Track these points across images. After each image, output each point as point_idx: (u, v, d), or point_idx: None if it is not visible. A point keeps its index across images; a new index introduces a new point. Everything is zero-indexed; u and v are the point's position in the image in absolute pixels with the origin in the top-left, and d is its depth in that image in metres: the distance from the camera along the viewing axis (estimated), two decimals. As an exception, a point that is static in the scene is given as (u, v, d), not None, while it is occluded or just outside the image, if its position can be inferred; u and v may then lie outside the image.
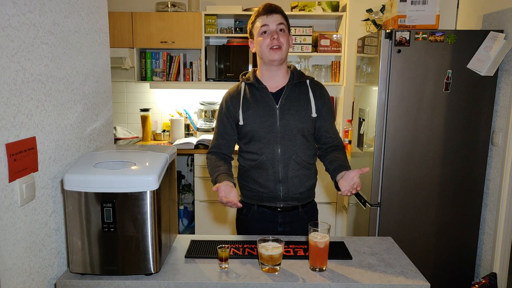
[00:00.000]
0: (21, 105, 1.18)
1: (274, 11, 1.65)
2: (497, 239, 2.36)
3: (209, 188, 3.46)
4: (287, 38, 1.67)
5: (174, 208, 1.61)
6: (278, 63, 1.67)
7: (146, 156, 1.43)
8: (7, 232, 1.14)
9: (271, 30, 1.64)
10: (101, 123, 1.71)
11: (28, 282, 1.24)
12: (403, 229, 2.46)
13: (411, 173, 2.42)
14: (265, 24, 1.65)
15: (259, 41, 1.66)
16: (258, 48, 1.68)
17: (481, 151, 2.41)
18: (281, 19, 1.66)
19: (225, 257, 1.40)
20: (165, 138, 3.84)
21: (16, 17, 1.15)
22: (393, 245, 1.61)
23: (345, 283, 1.32)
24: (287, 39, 1.67)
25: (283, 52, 1.65)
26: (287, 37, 1.67)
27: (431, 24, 2.34)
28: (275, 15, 1.65)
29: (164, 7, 3.58)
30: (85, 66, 1.56)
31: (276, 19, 1.65)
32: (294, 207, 1.74)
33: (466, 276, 2.53)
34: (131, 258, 1.32)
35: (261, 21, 1.66)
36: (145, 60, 3.66)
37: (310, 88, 1.73)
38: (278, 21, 1.65)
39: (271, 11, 1.65)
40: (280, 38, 1.64)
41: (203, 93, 3.89)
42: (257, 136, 1.68)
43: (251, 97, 1.71)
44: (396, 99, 2.36)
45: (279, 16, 1.66)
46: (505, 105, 2.31)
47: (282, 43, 1.64)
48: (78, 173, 1.30)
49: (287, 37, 1.67)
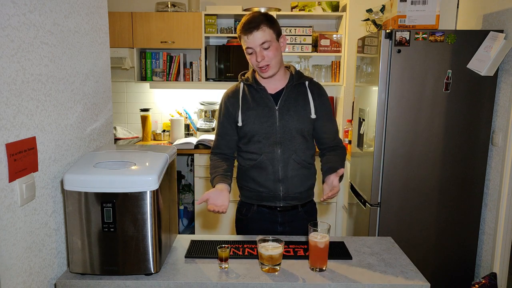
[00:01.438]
0: (21, 105, 1.18)
1: (254, 29, 1.56)
2: (497, 239, 2.36)
3: (209, 188, 3.45)
4: (274, 51, 1.60)
5: (174, 208, 1.61)
6: (271, 77, 1.67)
7: (146, 156, 1.43)
8: (7, 232, 1.14)
9: (255, 50, 1.59)
10: (101, 123, 1.71)
11: (28, 282, 1.24)
12: (403, 229, 2.46)
13: (411, 173, 2.42)
14: (248, 47, 1.60)
15: (248, 58, 1.64)
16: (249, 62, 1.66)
17: (481, 151, 2.41)
18: (263, 36, 1.57)
19: (225, 257, 1.40)
20: (165, 138, 3.84)
21: (16, 17, 1.15)
22: (393, 245, 1.61)
23: (345, 283, 1.32)
24: (275, 50, 1.60)
25: (273, 67, 1.63)
26: (274, 50, 1.60)
27: (431, 24, 2.34)
28: (255, 32, 1.56)
29: (164, 7, 3.58)
30: (85, 66, 1.56)
31: (257, 39, 1.57)
32: (293, 207, 1.75)
33: (466, 276, 2.53)
34: (131, 258, 1.32)
35: (244, 41, 1.61)
36: (145, 60, 3.66)
37: (308, 89, 1.72)
38: (259, 40, 1.57)
39: (251, 30, 1.56)
40: (266, 56, 1.59)
41: (203, 93, 3.89)
42: (257, 137, 1.68)
43: (251, 98, 1.71)
44: (396, 99, 2.36)
45: (260, 33, 1.56)
46: (505, 105, 2.31)
47: (269, 61, 1.60)
48: (78, 173, 1.30)
49: (274, 49, 1.60)
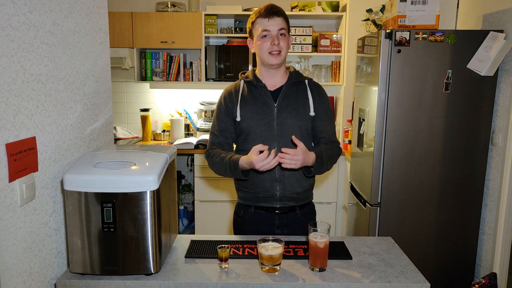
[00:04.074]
0: (21, 105, 1.18)
1: (276, 14, 1.62)
2: (497, 239, 2.36)
3: (209, 188, 3.46)
4: (287, 42, 1.65)
5: (174, 208, 1.61)
6: (277, 66, 1.67)
7: (146, 156, 1.43)
8: (7, 232, 1.14)
9: (272, 34, 1.62)
10: (101, 123, 1.71)
11: (28, 282, 1.24)
12: (403, 229, 2.46)
13: (411, 173, 2.42)
14: (266, 29, 1.62)
15: (259, 44, 1.65)
16: (257, 50, 1.67)
17: (481, 151, 2.41)
18: (282, 23, 1.63)
19: (225, 257, 1.40)
20: (165, 138, 3.84)
21: (16, 17, 1.15)
22: (393, 245, 1.61)
23: (345, 283, 1.32)
24: (287, 42, 1.65)
25: (282, 56, 1.65)
26: (287, 41, 1.65)
27: (431, 24, 2.34)
28: (277, 18, 1.62)
29: (164, 7, 3.58)
30: (85, 66, 1.56)
31: (277, 23, 1.62)
32: (291, 209, 1.73)
33: (466, 276, 2.53)
34: (131, 258, 1.32)
35: (262, 24, 1.63)
36: (145, 60, 3.66)
37: (308, 87, 1.72)
38: (279, 25, 1.62)
39: (273, 14, 1.61)
40: (281, 43, 1.62)
41: (203, 93, 3.89)
42: (254, 133, 1.67)
43: (249, 95, 1.70)
44: (396, 99, 2.36)
45: (280, 19, 1.63)
46: (505, 105, 2.31)
47: (282, 48, 1.63)
48: (78, 173, 1.30)
49: (287, 40, 1.65)
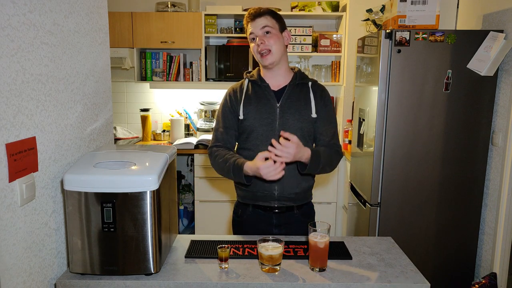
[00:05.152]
0: (21, 105, 1.18)
1: (258, 16, 1.63)
2: (497, 239, 2.36)
3: (209, 188, 3.46)
4: (276, 39, 1.64)
5: (174, 208, 1.61)
6: (273, 66, 1.68)
7: (146, 156, 1.43)
8: (7, 232, 1.14)
9: (256, 35, 1.64)
10: (101, 123, 1.71)
11: (28, 282, 1.24)
12: (403, 229, 2.46)
13: (411, 173, 2.42)
14: (251, 32, 1.66)
15: (251, 47, 1.69)
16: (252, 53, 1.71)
17: (481, 151, 2.41)
18: (265, 22, 1.63)
19: (225, 257, 1.40)
20: (165, 138, 3.84)
21: (16, 17, 1.15)
22: (393, 245, 1.61)
23: (345, 283, 1.32)
24: (277, 39, 1.64)
25: (274, 54, 1.64)
26: (276, 38, 1.64)
27: (431, 24, 2.34)
28: (259, 19, 1.63)
29: (164, 7, 3.58)
30: (85, 66, 1.56)
31: (260, 24, 1.63)
32: (289, 208, 1.73)
33: (466, 276, 2.53)
34: (131, 258, 1.32)
35: (249, 28, 1.67)
36: (145, 60, 3.66)
37: (311, 89, 1.73)
38: (261, 24, 1.63)
39: (254, 17, 1.64)
40: (267, 41, 1.62)
41: (203, 93, 3.89)
42: (255, 132, 1.68)
43: (253, 94, 1.71)
44: (396, 99, 2.36)
45: (263, 19, 1.63)
46: (505, 105, 2.31)
47: (270, 46, 1.63)
48: (78, 173, 1.30)
49: (276, 37, 1.64)
